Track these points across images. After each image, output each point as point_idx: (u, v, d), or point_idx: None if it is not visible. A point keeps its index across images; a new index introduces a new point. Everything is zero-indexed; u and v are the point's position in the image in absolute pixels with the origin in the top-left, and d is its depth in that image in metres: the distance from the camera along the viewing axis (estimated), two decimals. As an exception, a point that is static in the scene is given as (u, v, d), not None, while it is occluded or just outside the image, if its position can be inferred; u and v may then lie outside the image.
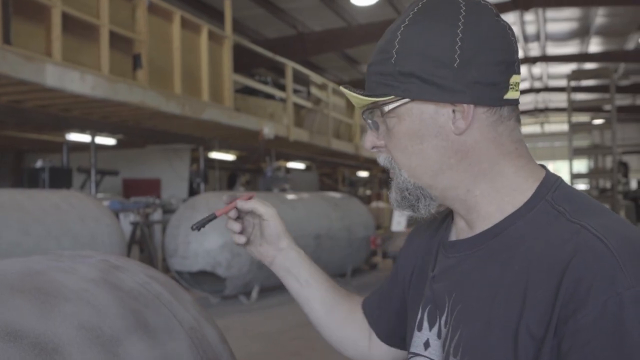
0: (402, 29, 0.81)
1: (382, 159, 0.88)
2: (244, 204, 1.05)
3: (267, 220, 1.06)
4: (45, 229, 4.76)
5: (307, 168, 14.02)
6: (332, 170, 15.72)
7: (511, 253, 0.79)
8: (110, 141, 8.33)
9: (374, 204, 13.46)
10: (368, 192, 16.88)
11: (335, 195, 9.17)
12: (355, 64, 15.18)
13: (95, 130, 7.37)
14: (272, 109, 9.85)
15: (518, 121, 0.84)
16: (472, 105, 0.80)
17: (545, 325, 0.71)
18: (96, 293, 0.84)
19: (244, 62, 9.68)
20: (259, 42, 10.78)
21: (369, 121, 0.87)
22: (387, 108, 0.83)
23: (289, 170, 12.03)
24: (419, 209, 0.86)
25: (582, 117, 20.03)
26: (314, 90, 10.90)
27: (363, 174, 16.86)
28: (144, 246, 7.63)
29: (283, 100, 9.85)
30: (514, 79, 0.81)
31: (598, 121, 16.37)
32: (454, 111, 0.80)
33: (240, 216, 1.08)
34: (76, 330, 0.74)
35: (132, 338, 0.81)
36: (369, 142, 0.88)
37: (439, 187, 0.84)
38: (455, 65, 0.78)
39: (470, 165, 0.82)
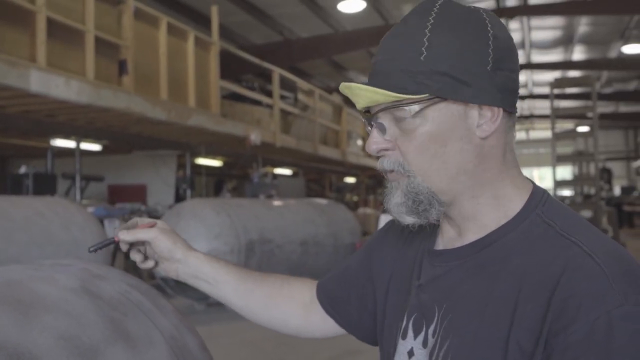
0: (429, 27, 0.79)
1: (388, 163, 0.83)
2: (126, 236, 1.06)
3: (152, 243, 1.06)
4: (29, 236, 4.71)
5: (294, 174, 14.01)
6: (319, 176, 15.73)
7: (502, 265, 0.79)
8: (95, 147, 8.27)
9: (361, 210, 13.48)
10: (355, 198, 16.90)
11: (322, 201, 9.18)
12: (342, 70, 15.22)
13: (80, 136, 7.32)
14: (259, 115, 9.85)
15: (514, 130, 0.86)
16: (501, 109, 0.80)
17: (535, 339, 0.71)
18: (75, 302, 0.83)
19: (230, 68, 9.67)
20: (245, 49, 10.78)
21: (375, 123, 0.83)
22: (415, 107, 0.79)
23: (275, 176, 12.01)
24: (431, 214, 0.82)
25: (566, 124, 20.25)
26: (301, 97, 10.91)
27: (350, 180, 16.89)
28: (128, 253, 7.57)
29: (270, 107, 9.85)
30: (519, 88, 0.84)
31: (582, 128, 16.55)
32: (479, 114, 0.80)
33: (141, 243, 1.09)
34: (55, 340, 0.74)
35: (112, 347, 0.81)
36: (376, 144, 0.83)
37: (451, 193, 0.82)
38: (488, 68, 0.78)
39: (483, 171, 0.81)
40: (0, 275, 0.86)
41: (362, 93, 0.81)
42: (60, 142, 7.59)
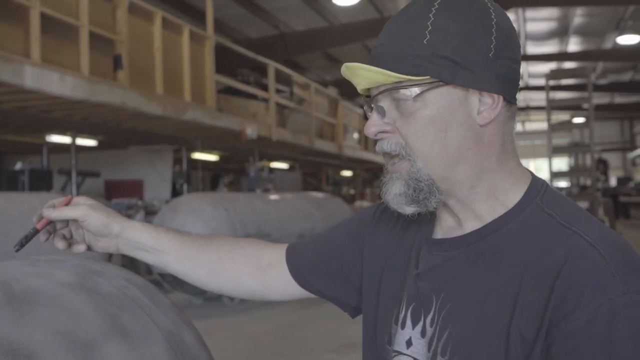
0: (433, 11, 0.79)
1: (390, 145, 0.82)
2: (51, 213, 0.99)
3: (84, 220, 1.00)
4: (25, 232, 4.70)
5: (291, 168, 14.01)
6: (316, 169, 15.73)
7: (502, 255, 0.79)
8: (91, 142, 8.25)
9: (358, 203, 13.50)
10: (352, 191, 16.91)
11: (318, 195, 9.18)
12: (338, 64, 15.18)
13: (75, 132, 7.29)
14: (255, 109, 9.83)
15: (515, 120, 0.86)
16: (501, 97, 0.80)
17: (537, 328, 0.72)
18: (72, 298, 0.83)
19: (226, 62, 9.64)
20: (241, 42, 10.75)
21: (374, 105, 0.83)
22: (415, 90, 0.79)
23: (272, 170, 12.01)
24: (430, 203, 0.82)
25: (562, 116, 20.27)
26: (296, 90, 10.89)
27: (347, 173, 16.89)
28: (126, 248, 7.57)
29: (266, 101, 9.83)
30: (520, 79, 0.83)
31: (578, 120, 16.57)
32: (480, 101, 0.80)
33: (58, 227, 1.04)
34: (51, 336, 0.74)
35: (109, 342, 0.81)
36: (375, 127, 0.82)
37: (449, 181, 0.82)
38: (490, 55, 0.78)
39: (481, 159, 0.81)
40: (-5, 271, 0.86)
41: (363, 73, 0.81)
42: (55, 138, 7.57)
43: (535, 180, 0.85)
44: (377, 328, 0.94)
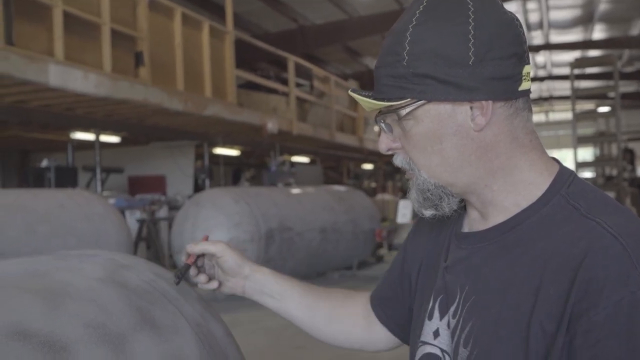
0: (410, 29, 0.79)
1: (399, 161, 0.87)
2: (193, 248, 1.06)
3: (221, 256, 1.06)
4: (51, 228, 4.79)
5: (312, 162, 14.02)
6: (337, 163, 15.72)
7: (524, 248, 0.79)
8: (114, 139, 8.35)
9: (379, 197, 13.46)
10: (373, 184, 16.87)
11: (340, 188, 9.18)
12: (357, 56, 15.15)
13: (99, 129, 7.39)
14: (275, 104, 9.85)
15: (530, 110, 0.85)
16: (490, 101, 0.79)
17: (558, 321, 0.71)
18: (102, 291, 0.84)
19: (245, 57, 9.68)
20: (260, 37, 10.78)
21: (382, 124, 0.86)
22: (403, 112, 0.82)
23: (293, 164, 12.03)
24: (443, 208, 0.86)
25: (586, 105, 19.94)
26: (316, 84, 10.88)
27: (368, 166, 16.85)
28: (150, 243, 7.67)
29: (286, 95, 9.85)
30: (525, 69, 0.81)
31: (603, 109, 16.30)
32: (471, 108, 0.80)
33: (199, 264, 1.09)
34: (83, 329, 0.75)
35: (139, 335, 0.81)
36: (384, 144, 0.88)
37: (459, 185, 0.84)
38: (470, 63, 0.77)
39: (489, 160, 0.82)
40: (27, 265, 0.87)
41: (360, 102, 0.87)
42: (79, 135, 7.68)
43: (562, 171, 0.84)
44: (413, 323, 0.96)
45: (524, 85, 0.81)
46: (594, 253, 0.71)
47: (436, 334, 0.88)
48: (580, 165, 10.34)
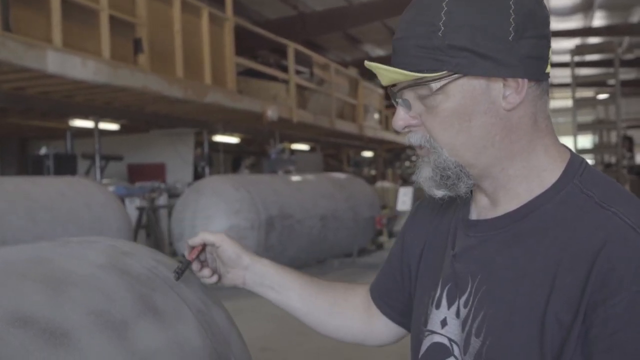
0: (447, 0, 0.76)
1: (416, 139, 0.83)
2: (194, 240, 1.06)
3: (220, 246, 1.05)
4: (52, 215, 4.78)
5: (312, 149, 14.00)
6: (337, 151, 15.70)
7: (539, 237, 0.78)
8: (113, 126, 8.32)
9: (379, 184, 13.45)
10: (373, 172, 16.85)
11: (340, 175, 9.17)
12: (358, 44, 15.06)
13: (98, 116, 7.36)
14: (275, 91, 9.81)
15: (549, 95, 0.84)
16: (525, 80, 0.78)
17: (574, 311, 0.71)
18: (104, 278, 0.84)
19: (245, 44, 9.61)
20: (260, 24, 10.70)
21: (400, 100, 0.83)
22: (436, 85, 0.78)
23: (293, 152, 12.01)
24: (459, 188, 0.83)
25: (586, 93, 19.87)
26: (316, 71, 10.83)
27: (367, 154, 16.83)
28: (150, 231, 7.67)
29: (286, 82, 9.80)
30: (550, 52, 0.81)
31: (602, 96, 16.25)
32: (504, 86, 0.78)
33: (202, 258, 1.09)
34: (85, 315, 0.75)
35: (141, 322, 0.81)
36: (401, 120, 0.83)
37: (479, 166, 0.81)
38: (510, 38, 0.76)
39: (511, 142, 0.80)
40: (30, 252, 0.87)
41: (384, 73, 0.81)
42: (79, 123, 7.65)
43: (573, 159, 0.83)
44: (415, 310, 0.95)
45: (549, 68, 0.81)
46: (611, 243, 0.71)
47: (444, 323, 0.86)
48: (580, 152, 10.33)
